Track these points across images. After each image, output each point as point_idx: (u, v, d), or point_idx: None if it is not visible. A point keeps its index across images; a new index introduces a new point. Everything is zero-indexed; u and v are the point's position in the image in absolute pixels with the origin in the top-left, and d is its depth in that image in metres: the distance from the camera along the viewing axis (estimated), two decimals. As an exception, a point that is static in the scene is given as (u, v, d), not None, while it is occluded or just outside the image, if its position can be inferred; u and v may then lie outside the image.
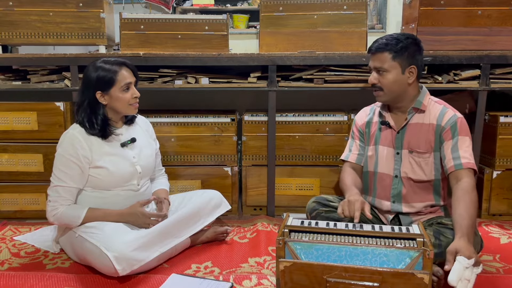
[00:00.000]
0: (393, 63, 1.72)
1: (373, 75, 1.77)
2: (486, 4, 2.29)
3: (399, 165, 1.82)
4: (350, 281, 1.37)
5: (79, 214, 1.75)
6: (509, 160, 2.32)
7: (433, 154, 1.78)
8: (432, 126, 1.76)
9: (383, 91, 1.76)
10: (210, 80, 2.35)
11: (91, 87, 1.78)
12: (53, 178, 1.78)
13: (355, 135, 1.99)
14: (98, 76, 1.76)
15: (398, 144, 1.82)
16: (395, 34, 1.76)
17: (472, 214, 1.55)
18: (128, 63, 1.84)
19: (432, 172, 1.79)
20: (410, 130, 1.80)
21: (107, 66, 1.78)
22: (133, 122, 1.97)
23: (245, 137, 2.41)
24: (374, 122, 1.91)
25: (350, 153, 1.99)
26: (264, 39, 2.43)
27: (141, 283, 1.66)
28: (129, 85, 1.81)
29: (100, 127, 1.80)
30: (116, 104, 1.81)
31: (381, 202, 1.87)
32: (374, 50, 1.75)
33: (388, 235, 1.48)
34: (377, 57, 1.74)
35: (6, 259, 1.88)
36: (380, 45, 1.73)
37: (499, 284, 1.66)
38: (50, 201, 1.77)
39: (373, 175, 1.89)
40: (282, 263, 1.42)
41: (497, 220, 2.35)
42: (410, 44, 1.73)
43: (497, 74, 2.28)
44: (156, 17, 2.37)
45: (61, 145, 1.78)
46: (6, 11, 2.35)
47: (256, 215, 2.45)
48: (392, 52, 1.71)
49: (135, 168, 1.88)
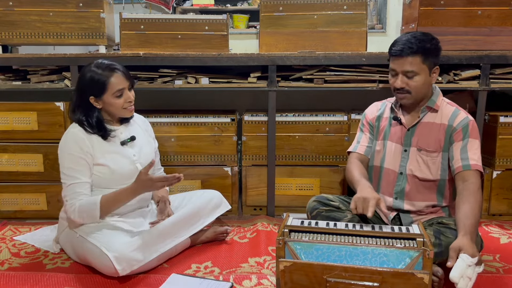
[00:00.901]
0: (423, 66, 1.69)
1: (400, 79, 1.72)
2: (486, 4, 2.29)
3: (406, 162, 1.82)
4: (350, 281, 1.37)
5: (95, 201, 1.72)
6: (509, 160, 2.32)
7: (442, 154, 1.78)
8: (444, 126, 1.77)
9: (410, 94, 1.73)
10: (210, 80, 2.35)
11: (84, 91, 1.79)
12: (63, 179, 1.76)
13: (365, 127, 1.98)
14: (90, 82, 1.76)
15: (407, 142, 1.82)
16: (418, 35, 1.71)
17: (477, 215, 1.57)
18: (120, 68, 1.80)
19: (438, 172, 1.79)
20: (421, 129, 1.80)
21: (99, 72, 1.76)
22: (128, 121, 1.96)
23: (245, 137, 2.41)
24: (384, 117, 1.91)
25: (358, 144, 1.98)
26: (264, 39, 2.43)
27: (141, 283, 1.66)
28: (122, 91, 1.79)
29: (97, 129, 1.81)
30: (110, 109, 1.82)
31: (384, 197, 1.87)
32: (403, 53, 1.69)
33: (388, 235, 1.48)
34: (406, 61, 1.69)
35: (6, 259, 1.88)
36: (409, 48, 1.68)
37: (499, 284, 1.66)
38: (67, 200, 1.74)
39: (379, 170, 1.89)
40: (282, 263, 1.42)
41: (497, 220, 2.35)
42: (435, 44, 1.72)
43: (497, 74, 2.28)
44: (156, 17, 2.37)
45: (65, 144, 1.78)
46: (6, 11, 2.35)
47: (256, 215, 2.45)
48: (422, 55, 1.68)
49: (135, 166, 1.88)
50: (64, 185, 1.77)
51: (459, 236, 1.50)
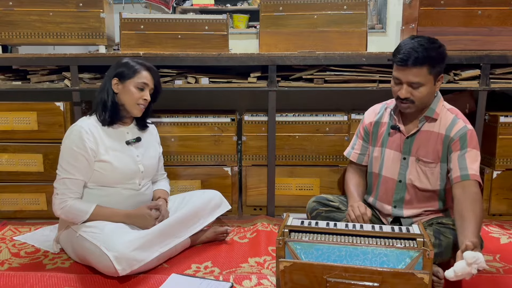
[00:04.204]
0: (429, 77, 1.63)
1: (405, 89, 1.64)
2: (486, 4, 2.29)
3: (404, 170, 1.79)
4: (350, 281, 1.37)
5: (87, 210, 1.75)
6: (509, 160, 2.32)
7: (440, 165, 1.74)
8: (441, 136, 1.72)
9: (414, 103, 1.67)
10: (210, 80, 2.34)
11: (112, 72, 1.87)
12: (59, 171, 1.79)
13: (360, 134, 1.97)
14: (123, 65, 1.86)
15: (406, 150, 1.78)
16: (424, 42, 1.62)
17: (480, 225, 1.52)
18: (154, 70, 1.91)
19: (437, 182, 1.76)
20: (420, 137, 1.75)
21: (133, 63, 1.87)
22: (143, 129, 2.00)
23: (245, 137, 2.41)
24: (383, 122, 1.87)
25: (352, 150, 1.99)
26: (264, 39, 2.43)
27: (141, 283, 1.66)
28: (145, 86, 1.86)
29: (110, 111, 1.84)
30: (125, 97, 1.85)
31: (382, 205, 1.87)
32: (408, 64, 1.60)
33: (388, 235, 1.48)
34: (412, 72, 1.61)
35: (6, 259, 1.88)
36: (415, 58, 1.59)
37: (499, 284, 1.66)
38: (58, 194, 1.77)
39: (377, 177, 1.87)
40: (282, 263, 1.42)
41: (497, 220, 2.35)
42: (442, 53, 1.64)
43: (497, 74, 2.28)
44: (156, 17, 2.37)
45: (68, 137, 1.79)
46: (6, 11, 2.35)
47: (256, 215, 2.45)
48: (429, 65, 1.61)
49: (138, 166, 1.89)
50: (58, 176, 1.79)
51: (469, 238, 1.42)
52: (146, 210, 1.83)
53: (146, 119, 2.00)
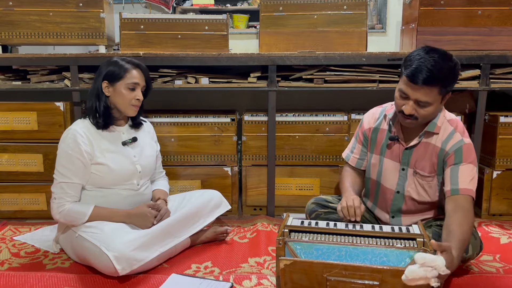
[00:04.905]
0: (438, 97, 1.56)
1: (411, 106, 1.57)
2: (486, 4, 2.29)
3: (403, 181, 1.76)
4: (350, 279, 1.37)
5: (85, 211, 1.75)
6: (509, 160, 2.32)
7: (437, 178, 1.72)
8: (437, 148, 1.68)
9: (417, 120, 1.61)
10: (210, 80, 2.34)
11: (100, 75, 1.84)
12: (56, 175, 1.78)
13: (359, 138, 1.91)
14: (112, 66, 1.83)
15: (405, 161, 1.74)
16: (439, 60, 1.52)
17: (465, 243, 1.47)
18: (143, 66, 1.88)
19: (436, 194, 1.74)
20: (419, 150, 1.72)
21: (122, 62, 1.84)
22: (138, 128, 1.98)
23: (245, 137, 2.41)
24: (382, 129, 1.81)
25: (351, 154, 1.94)
26: (264, 39, 2.43)
27: (141, 283, 1.66)
28: (136, 85, 1.83)
29: (103, 116, 1.83)
30: (118, 100, 1.83)
31: (381, 212, 1.87)
32: (419, 81, 1.51)
33: (388, 235, 1.49)
34: (422, 90, 1.53)
35: (6, 259, 1.88)
36: (428, 78, 1.50)
37: (499, 284, 1.66)
38: (56, 198, 1.76)
39: (375, 184, 1.85)
40: (283, 262, 1.42)
41: (497, 220, 2.35)
42: (455, 74, 1.57)
43: (497, 74, 2.28)
44: (156, 17, 2.37)
45: (64, 141, 1.79)
46: (6, 11, 2.36)
47: (256, 215, 2.45)
48: (442, 86, 1.54)
49: (135, 167, 1.88)
50: (55, 180, 1.78)
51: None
52: (145, 208, 1.83)
53: (139, 117, 1.98)
